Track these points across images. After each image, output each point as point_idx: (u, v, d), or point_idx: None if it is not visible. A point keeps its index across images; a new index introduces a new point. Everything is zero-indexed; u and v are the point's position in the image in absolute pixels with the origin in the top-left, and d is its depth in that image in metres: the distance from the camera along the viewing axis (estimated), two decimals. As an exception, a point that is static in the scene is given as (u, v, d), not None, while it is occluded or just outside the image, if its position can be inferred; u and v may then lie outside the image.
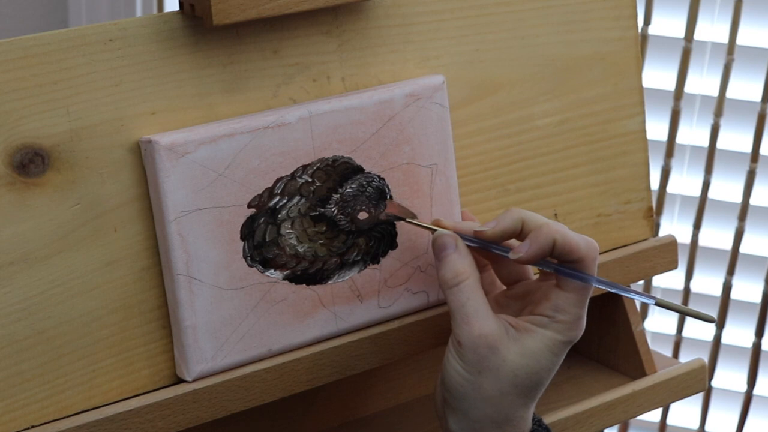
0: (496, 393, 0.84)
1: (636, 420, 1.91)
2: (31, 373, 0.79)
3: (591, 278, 0.84)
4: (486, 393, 0.84)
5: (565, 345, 0.85)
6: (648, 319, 1.86)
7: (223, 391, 0.84)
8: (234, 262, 0.83)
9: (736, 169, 1.76)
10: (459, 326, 0.84)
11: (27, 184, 0.78)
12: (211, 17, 0.80)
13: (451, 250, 0.85)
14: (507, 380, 0.84)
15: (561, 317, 0.84)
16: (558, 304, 0.84)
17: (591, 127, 1.00)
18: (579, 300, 0.85)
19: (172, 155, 0.80)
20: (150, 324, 0.83)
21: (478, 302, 0.84)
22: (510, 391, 0.84)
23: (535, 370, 0.84)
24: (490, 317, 0.84)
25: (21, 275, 0.78)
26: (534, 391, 0.85)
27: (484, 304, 0.84)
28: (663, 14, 1.74)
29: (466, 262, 0.85)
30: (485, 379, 0.83)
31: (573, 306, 0.85)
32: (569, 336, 0.85)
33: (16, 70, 0.77)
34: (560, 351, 0.85)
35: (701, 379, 1.05)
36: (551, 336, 0.84)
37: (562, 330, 0.84)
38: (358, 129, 0.87)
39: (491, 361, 0.83)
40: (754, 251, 1.79)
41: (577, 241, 0.84)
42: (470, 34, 0.93)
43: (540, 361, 0.84)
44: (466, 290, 0.84)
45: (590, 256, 0.84)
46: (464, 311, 0.83)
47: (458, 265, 0.84)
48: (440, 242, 0.86)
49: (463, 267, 0.84)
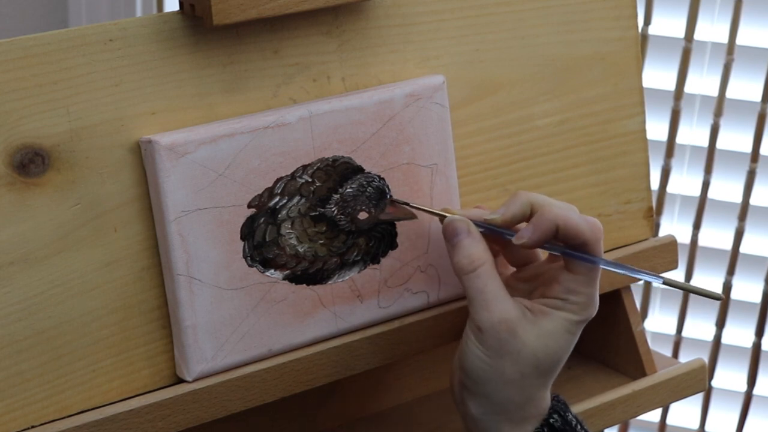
0: (517, 375, 0.84)
1: (636, 420, 1.91)
2: (31, 373, 0.79)
3: (598, 260, 0.84)
4: (507, 376, 0.84)
5: (581, 324, 0.86)
6: (648, 319, 1.86)
7: (223, 391, 0.84)
8: (234, 262, 0.83)
9: (736, 169, 1.76)
10: (478, 312, 0.84)
11: (27, 184, 0.78)
12: (211, 17, 0.80)
13: (464, 236, 0.85)
14: (527, 362, 0.84)
15: (574, 299, 0.85)
16: (569, 287, 0.85)
17: (591, 127, 1.00)
18: (589, 280, 0.85)
19: (172, 155, 0.80)
20: (150, 324, 0.83)
21: (495, 287, 0.84)
22: (531, 373, 0.84)
23: (554, 350, 0.85)
24: (509, 301, 0.84)
25: (21, 275, 0.78)
26: (553, 370, 0.86)
27: (502, 288, 0.84)
28: (663, 14, 1.74)
29: (481, 246, 0.85)
30: (506, 363, 0.84)
31: (584, 286, 0.85)
32: (584, 315, 0.85)
33: (16, 70, 0.77)
34: (576, 330, 0.86)
35: (701, 379, 1.05)
36: (567, 317, 0.85)
37: (576, 310, 0.85)
38: (358, 129, 0.87)
39: (511, 344, 0.83)
40: (754, 251, 1.79)
41: (580, 225, 0.84)
42: (470, 34, 0.93)
43: (558, 342, 0.85)
44: (484, 275, 0.84)
45: (595, 237, 0.84)
46: (483, 297, 0.83)
47: (473, 250, 0.84)
48: (452, 227, 0.85)
49: (478, 252, 0.84)
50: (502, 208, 0.86)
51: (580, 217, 0.84)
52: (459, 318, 0.92)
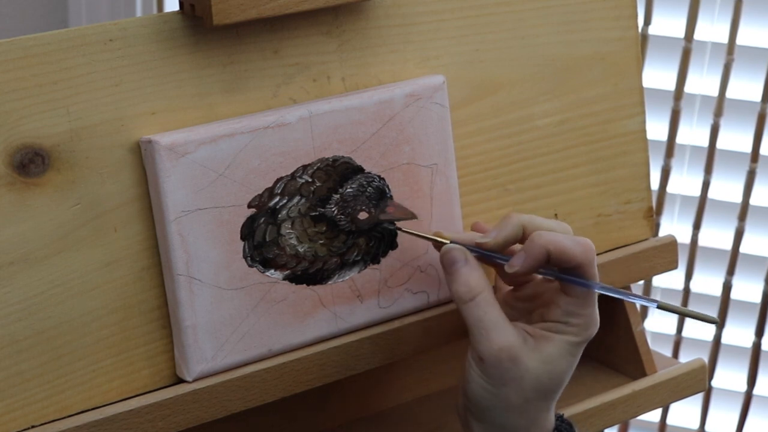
0: (521, 401, 0.84)
1: (636, 420, 1.91)
2: (31, 373, 0.79)
3: (593, 284, 0.84)
4: (511, 403, 0.84)
5: (582, 344, 0.86)
6: (648, 319, 1.86)
7: (223, 391, 0.84)
8: (234, 262, 0.83)
9: (736, 169, 1.76)
10: (479, 341, 0.83)
11: (27, 184, 0.78)
12: (211, 17, 0.80)
13: (461, 264, 0.85)
14: (531, 388, 0.84)
15: (574, 321, 0.85)
16: (568, 310, 0.85)
17: (591, 127, 1.00)
18: (587, 302, 0.85)
19: (172, 155, 0.80)
20: (150, 324, 0.83)
21: (495, 315, 0.83)
22: (534, 397, 0.84)
23: (556, 374, 0.85)
24: (509, 328, 0.84)
25: (21, 275, 0.78)
26: (556, 392, 0.86)
27: (501, 316, 0.84)
28: (663, 14, 1.74)
29: (477, 274, 0.84)
30: (510, 390, 0.84)
31: (582, 308, 0.85)
32: (585, 336, 0.86)
33: (16, 70, 0.77)
34: (578, 351, 0.86)
35: (701, 379, 1.05)
36: (568, 339, 0.85)
37: (577, 332, 0.85)
38: (358, 129, 0.87)
39: (514, 372, 0.83)
40: (754, 251, 1.79)
41: (571, 249, 0.83)
42: (470, 34, 0.93)
43: (560, 365, 0.85)
44: (482, 304, 0.83)
45: (587, 260, 0.84)
46: (482, 325, 0.83)
47: (471, 279, 0.84)
48: (449, 257, 0.85)
49: (476, 280, 0.84)
50: (494, 232, 0.85)
51: (572, 240, 0.83)
52: (459, 318, 0.91)
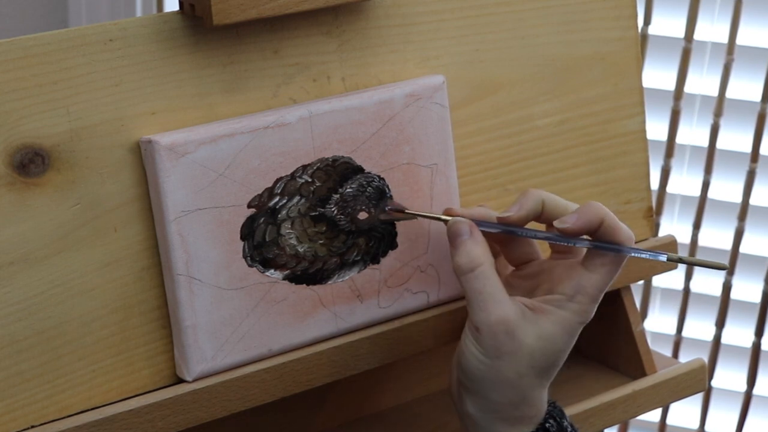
0: (514, 375, 0.84)
1: (636, 420, 1.91)
2: (31, 373, 0.79)
3: (626, 249, 0.85)
4: (504, 376, 0.84)
5: (580, 325, 0.86)
6: (648, 319, 1.86)
7: (223, 391, 0.84)
8: (234, 262, 0.83)
9: (736, 169, 1.76)
10: (476, 312, 0.84)
11: (27, 184, 0.78)
12: (211, 17, 0.80)
13: (466, 236, 0.85)
14: (524, 362, 0.84)
15: (580, 297, 0.85)
16: (581, 284, 0.85)
17: (591, 127, 1.00)
18: (602, 283, 0.85)
19: (172, 155, 0.80)
20: (150, 324, 0.83)
21: (494, 287, 0.84)
22: (527, 373, 0.85)
23: (551, 351, 0.85)
24: (507, 301, 0.84)
25: (21, 275, 0.78)
26: (550, 370, 0.86)
27: (500, 289, 0.84)
28: (663, 14, 1.74)
29: (481, 248, 0.85)
30: (503, 363, 0.84)
31: (594, 288, 0.85)
32: (583, 317, 0.86)
33: (16, 70, 0.77)
34: (575, 332, 0.86)
35: (701, 379, 1.05)
36: (567, 317, 0.85)
37: (577, 311, 0.85)
38: (358, 129, 0.87)
39: (509, 345, 0.84)
40: (754, 251, 1.79)
41: (621, 226, 0.85)
42: (470, 34, 0.93)
43: (556, 343, 0.85)
44: (482, 276, 0.84)
45: (629, 244, 0.85)
46: (481, 297, 0.84)
47: (473, 251, 0.85)
48: (455, 229, 0.86)
49: (478, 252, 0.85)
50: (515, 206, 0.86)
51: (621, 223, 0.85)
52: (459, 318, 0.92)
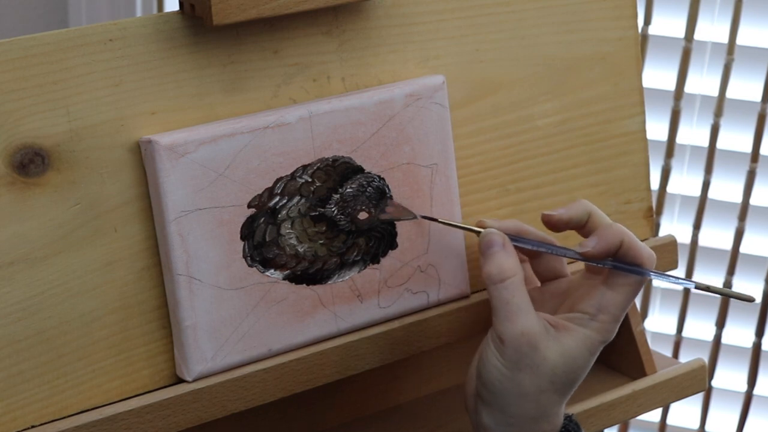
0: (534, 390, 0.84)
1: (636, 420, 1.91)
2: (31, 373, 0.79)
3: (647, 272, 0.85)
4: (524, 389, 0.84)
5: (600, 345, 0.86)
6: (648, 319, 1.86)
7: (223, 391, 0.84)
8: (234, 262, 0.83)
9: (736, 169, 1.76)
10: (501, 322, 0.84)
11: (27, 184, 0.78)
12: (211, 17, 0.80)
13: (498, 248, 0.86)
14: (545, 377, 0.84)
15: (602, 316, 0.86)
16: (602, 303, 0.85)
17: (591, 127, 1.00)
18: (624, 302, 0.86)
19: (172, 155, 0.80)
20: (150, 324, 0.83)
21: (522, 300, 0.84)
22: (547, 388, 0.85)
23: (572, 369, 0.85)
24: (533, 315, 0.84)
25: (21, 275, 0.78)
26: (570, 387, 0.86)
27: (528, 303, 0.85)
28: (663, 14, 1.74)
29: (513, 260, 0.86)
30: (524, 376, 0.84)
31: (616, 307, 0.86)
32: (606, 336, 0.86)
33: (16, 70, 0.77)
34: (596, 350, 0.86)
35: (701, 379, 1.05)
36: (589, 335, 0.85)
37: (600, 330, 0.86)
38: (358, 129, 0.87)
39: (531, 358, 0.84)
40: (754, 251, 1.79)
41: (642, 247, 0.85)
42: (470, 34, 0.93)
43: (577, 360, 0.85)
44: (511, 287, 0.84)
45: (649, 266, 0.86)
46: (508, 307, 0.84)
47: (505, 263, 0.85)
48: (488, 239, 0.86)
49: (510, 264, 0.85)
50: (562, 209, 0.87)
51: (640, 242, 0.86)
52: (459, 318, 0.92)
